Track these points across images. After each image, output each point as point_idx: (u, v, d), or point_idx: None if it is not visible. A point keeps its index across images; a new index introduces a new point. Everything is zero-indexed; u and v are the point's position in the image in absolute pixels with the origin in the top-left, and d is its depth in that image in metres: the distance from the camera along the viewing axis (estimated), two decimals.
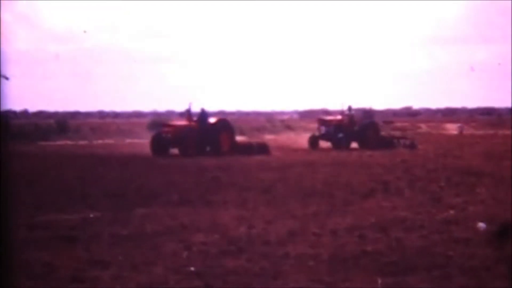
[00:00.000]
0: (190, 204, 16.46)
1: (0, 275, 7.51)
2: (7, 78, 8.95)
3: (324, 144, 42.10)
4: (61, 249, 11.30)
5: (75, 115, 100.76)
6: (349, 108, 43.47)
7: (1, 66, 8.33)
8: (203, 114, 37.01)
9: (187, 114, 37.21)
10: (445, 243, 11.62)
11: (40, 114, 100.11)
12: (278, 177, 22.35)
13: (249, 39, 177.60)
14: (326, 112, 43.07)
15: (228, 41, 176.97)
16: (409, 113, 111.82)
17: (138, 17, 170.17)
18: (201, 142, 35.56)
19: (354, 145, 41.67)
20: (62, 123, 64.72)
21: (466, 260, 10.38)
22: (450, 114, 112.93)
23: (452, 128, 71.08)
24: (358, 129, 42.14)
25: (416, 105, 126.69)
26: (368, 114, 46.04)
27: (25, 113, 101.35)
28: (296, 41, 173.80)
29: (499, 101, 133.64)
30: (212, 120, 37.05)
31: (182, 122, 37.10)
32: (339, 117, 43.29)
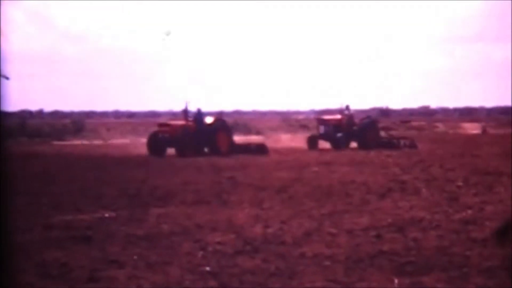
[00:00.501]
0: (206, 203, 16.45)
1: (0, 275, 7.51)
2: (7, 78, 8.95)
3: (322, 144, 41.70)
4: (77, 249, 11.29)
5: (90, 114, 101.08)
6: (347, 108, 43.02)
7: (1, 66, 8.33)
8: (200, 114, 36.69)
9: (184, 113, 36.86)
10: (463, 243, 11.53)
11: (56, 114, 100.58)
12: (294, 176, 22.31)
13: (266, 37, 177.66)
14: (342, 111, 42.35)
15: (245, 40, 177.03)
16: (426, 113, 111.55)
17: (154, 17, 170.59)
18: (198, 142, 35.28)
19: (353, 145, 41.40)
20: (77, 123, 65.03)
21: (483, 260, 10.29)
22: (467, 113, 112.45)
23: (470, 128, 70.77)
24: (357, 129, 41.80)
25: (433, 104, 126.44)
26: (367, 114, 45.80)
27: (40, 112, 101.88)
28: (313, 40, 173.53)
29: None
30: (209, 120, 36.69)
31: (179, 122, 36.81)
32: (338, 116, 42.85)
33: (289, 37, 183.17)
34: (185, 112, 36.82)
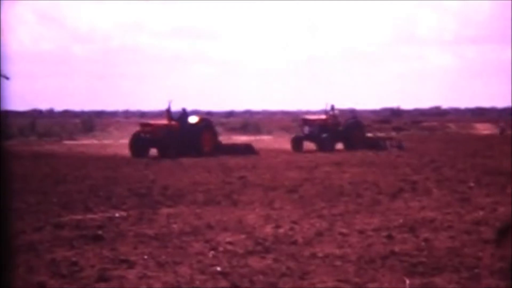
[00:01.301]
0: (216, 203, 16.43)
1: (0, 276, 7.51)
2: (7, 78, 8.95)
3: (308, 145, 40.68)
4: (87, 248, 11.29)
5: (100, 114, 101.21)
6: (332, 108, 41.97)
7: (1, 66, 8.33)
8: (184, 114, 35.91)
9: (167, 113, 35.83)
10: (474, 244, 11.47)
11: (66, 113, 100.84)
12: (305, 176, 22.28)
13: (276, 37, 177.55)
14: (353, 112, 42.00)
15: (254, 39, 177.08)
16: (437, 113, 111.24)
17: (163, 16, 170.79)
18: (181, 143, 34.37)
19: (339, 146, 40.56)
20: (87, 122, 65.16)
21: (495, 261, 10.23)
22: (479, 113, 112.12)
23: (482, 128, 70.53)
24: (343, 129, 40.79)
25: (445, 104, 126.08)
26: (352, 113, 45.02)
27: (51, 112, 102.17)
28: (325, 39, 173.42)
29: None
30: (193, 119, 35.79)
31: (162, 122, 35.93)
32: (323, 116, 41.88)
33: (300, 36, 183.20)
34: (168, 111, 35.73)
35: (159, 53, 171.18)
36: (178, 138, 34.30)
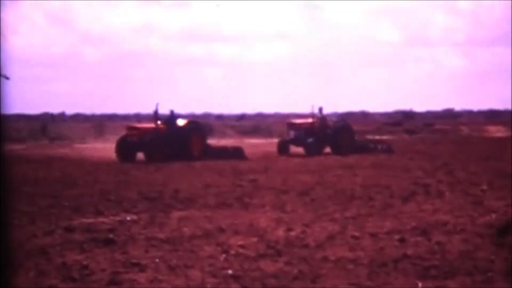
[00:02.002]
0: (227, 206, 16.40)
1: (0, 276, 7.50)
2: (7, 78, 8.96)
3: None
4: (98, 252, 11.28)
5: (112, 117, 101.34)
6: (320, 110, 40.86)
7: (1, 66, 8.34)
8: (172, 117, 35.12)
9: (154, 116, 34.96)
10: (487, 247, 11.39)
11: (78, 117, 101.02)
12: (317, 180, 22.23)
13: (288, 39, 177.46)
14: (365, 114, 41.53)
15: (266, 42, 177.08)
16: (450, 115, 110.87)
17: (174, 19, 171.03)
18: (169, 146, 33.73)
19: (327, 150, 39.58)
20: (99, 126, 65.35)
21: (508, 265, 10.16)
22: (492, 116, 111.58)
23: (495, 130, 70.27)
24: (331, 133, 39.63)
25: (458, 107, 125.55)
26: (341, 117, 44.12)
27: (62, 115, 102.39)
28: (335, 42, 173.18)
29: None
30: (181, 122, 35.08)
31: (148, 125, 35.29)
32: (309, 120, 40.52)
33: (312, 38, 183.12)
34: (155, 114, 34.84)
35: (170, 56, 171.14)
36: (166, 141, 33.72)
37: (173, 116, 35.13)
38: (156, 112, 34.84)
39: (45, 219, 14.49)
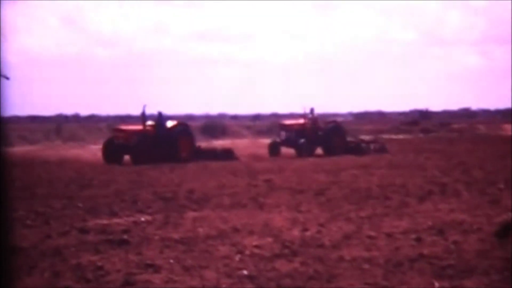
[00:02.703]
0: (242, 207, 16.36)
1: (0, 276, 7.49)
2: (7, 78, 8.94)
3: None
4: (113, 253, 11.25)
5: (126, 118, 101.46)
6: (312, 111, 40.71)
7: (1, 66, 8.32)
8: (160, 118, 34.67)
9: (142, 118, 34.53)
10: (504, 246, 11.29)
11: (92, 118, 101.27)
12: (332, 179, 22.16)
13: (302, 39, 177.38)
14: (381, 114, 41.29)
15: (281, 41, 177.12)
16: (466, 115, 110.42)
17: (187, 19, 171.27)
18: (157, 148, 33.34)
19: (318, 151, 39.62)
20: (112, 127, 65.48)
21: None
22: (509, 115, 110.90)
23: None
24: (322, 134, 39.51)
25: (474, 106, 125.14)
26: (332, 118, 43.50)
27: (76, 116, 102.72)
28: (351, 41, 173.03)
29: None
30: (169, 124, 34.68)
31: (135, 127, 34.89)
32: (301, 121, 40.38)
33: (327, 37, 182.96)
34: (143, 116, 34.44)
35: (183, 57, 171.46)
36: (153, 143, 33.34)
37: (161, 118, 34.69)
38: (143, 114, 34.38)
39: (60, 220, 14.49)
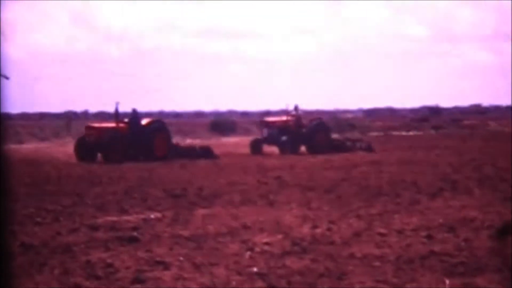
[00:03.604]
0: (252, 204, 16.32)
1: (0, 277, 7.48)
2: (7, 78, 8.93)
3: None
4: (123, 250, 11.24)
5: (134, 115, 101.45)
6: (296, 108, 39.94)
7: (1, 66, 8.31)
8: (135, 115, 33.85)
9: (115, 115, 33.61)
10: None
11: (101, 115, 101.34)
12: (342, 176, 22.10)
13: (312, 35, 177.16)
14: (391, 110, 41.05)
15: (290, 37, 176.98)
16: (477, 111, 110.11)
17: (196, 16, 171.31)
18: (130, 147, 32.60)
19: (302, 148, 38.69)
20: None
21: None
22: None
23: None
24: (306, 131, 38.52)
25: (485, 102, 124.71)
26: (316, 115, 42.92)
27: (85, 113, 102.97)
28: (361, 38, 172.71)
29: None
30: (144, 121, 33.85)
31: (108, 124, 34.12)
32: (284, 118, 39.61)
33: (337, 33, 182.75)
34: (116, 113, 33.51)
35: (192, 53, 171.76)
36: (126, 141, 32.63)
37: (136, 115, 33.99)
38: (116, 112, 33.68)
39: (70, 217, 14.49)
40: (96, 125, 34.91)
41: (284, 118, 39.74)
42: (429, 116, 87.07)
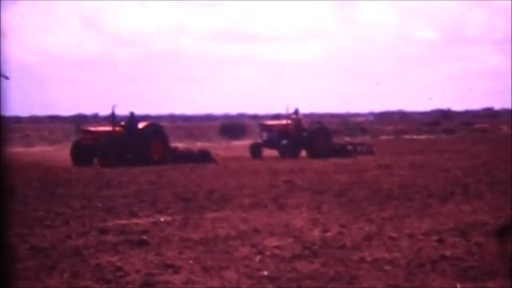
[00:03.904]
0: (263, 207, 16.28)
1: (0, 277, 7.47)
2: (7, 78, 8.93)
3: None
4: (132, 253, 11.21)
5: (145, 118, 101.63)
6: (296, 112, 39.60)
7: (1, 66, 8.31)
8: (132, 119, 33.74)
9: (112, 118, 33.55)
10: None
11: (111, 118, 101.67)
12: (353, 180, 22.05)
13: (323, 38, 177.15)
14: (402, 113, 40.94)
15: (301, 40, 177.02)
16: (489, 115, 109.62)
17: (206, 19, 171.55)
18: (127, 150, 32.57)
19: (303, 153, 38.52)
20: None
21: None
22: None
23: None
24: (307, 136, 38.20)
25: (497, 106, 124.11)
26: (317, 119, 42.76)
27: (95, 116, 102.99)
28: (373, 41, 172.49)
29: None
30: (141, 125, 33.76)
31: (104, 128, 33.95)
32: (283, 122, 39.29)
33: (348, 36, 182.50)
34: (112, 116, 33.52)
35: (203, 56, 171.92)
36: (123, 145, 32.48)
37: (133, 119, 33.82)
38: (113, 115, 33.60)
39: (79, 221, 14.47)
40: (92, 129, 34.86)
41: (284, 121, 39.46)
42: (441, 120, 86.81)
